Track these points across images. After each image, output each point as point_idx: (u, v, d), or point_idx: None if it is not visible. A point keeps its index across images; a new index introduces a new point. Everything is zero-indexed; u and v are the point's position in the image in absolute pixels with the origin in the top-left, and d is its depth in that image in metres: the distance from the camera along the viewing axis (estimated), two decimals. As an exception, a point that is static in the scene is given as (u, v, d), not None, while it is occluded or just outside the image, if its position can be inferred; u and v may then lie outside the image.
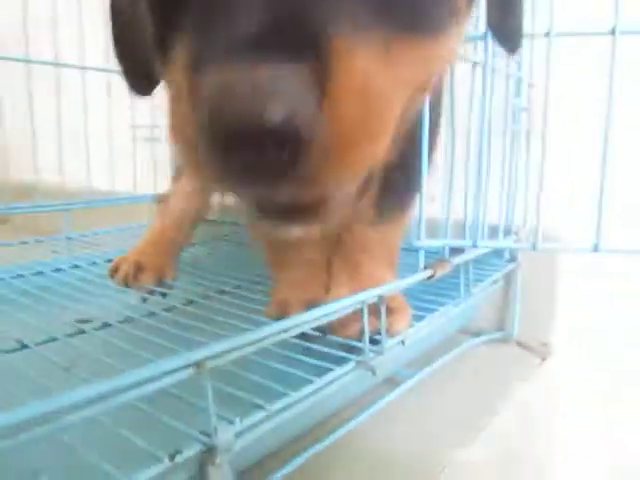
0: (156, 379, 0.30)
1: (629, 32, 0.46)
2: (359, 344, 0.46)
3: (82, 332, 0.54)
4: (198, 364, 0.31)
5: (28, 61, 0.94)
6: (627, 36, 0.46)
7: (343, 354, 0.46)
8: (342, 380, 0.44)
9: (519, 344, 0.76)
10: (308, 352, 0.46)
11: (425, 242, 0.49)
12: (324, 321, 0.42)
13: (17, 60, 0.92)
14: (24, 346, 0.50)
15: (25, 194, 0.98)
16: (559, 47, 0.49)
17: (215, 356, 0.32)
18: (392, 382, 0.60)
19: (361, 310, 0.44)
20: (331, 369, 0.44)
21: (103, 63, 1.04)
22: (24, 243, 0.95)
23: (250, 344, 0.35)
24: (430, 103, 0.48)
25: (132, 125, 1.14)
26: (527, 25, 0.44)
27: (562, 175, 0.72)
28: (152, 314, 0.60)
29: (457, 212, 0.58)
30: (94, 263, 0.85)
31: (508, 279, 0.76)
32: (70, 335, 0.54)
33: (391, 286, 0.47)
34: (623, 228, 0.58)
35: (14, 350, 0.50)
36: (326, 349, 0.46)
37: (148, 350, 0.44)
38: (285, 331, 0.38)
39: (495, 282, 0.71)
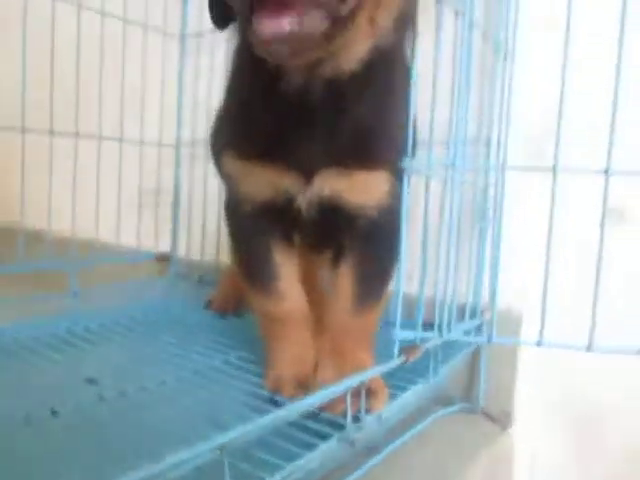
0: (184, 462, 0.38)
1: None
2: (343, 421, 0.55)
3: (102, 398, 0.62)
4: (221, 448, 0.39)
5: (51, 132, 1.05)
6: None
7: (327, 430, 0.55)
8: (327, 452, 0.52)
9: (484, 414, 0.85)
10: (296, 427, 0.55)
11: (400, 334, 0.59)
12: (316, 406, 0.51)
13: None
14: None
15: (37, 240, 1.06)
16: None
17: (237, 439, 0.40)
18: (371, 450, 0.69)
19: (345, 394, 0.53)
20: (317, 444, 0.52)
21: (118, 134, 1.15)
22: (34, 298, 1.03)
23: (263, 427, 0.43)
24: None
25: (139, 189, 1.24)
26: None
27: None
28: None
29: (431, 289, 0.68)
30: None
31: (474, 353, 0.85)
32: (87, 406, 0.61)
33: (371, 372, 0.56)
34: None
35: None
36: (314, 424, 0.55)
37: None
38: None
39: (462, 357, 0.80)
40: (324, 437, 0.54)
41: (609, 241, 0.57)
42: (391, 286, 0.68)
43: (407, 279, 0.64)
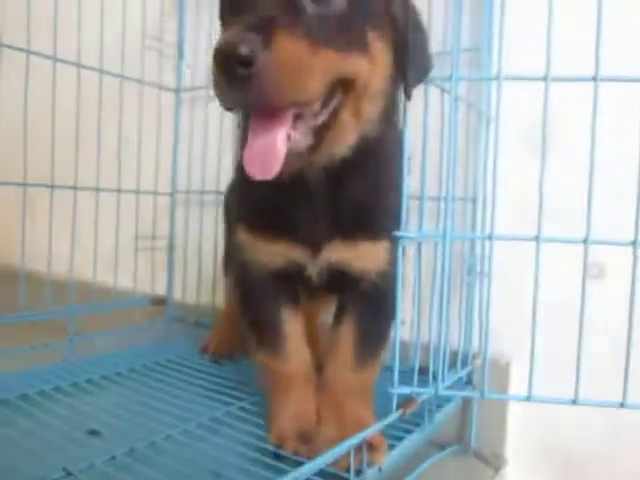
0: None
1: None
2: (347, 475, 0.58)
3: (113, 457, 0.65)
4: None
5: (51, 186, 1.08)
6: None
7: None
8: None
9: (476, 455, 0.89)
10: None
11: (398, 389, 0.63)
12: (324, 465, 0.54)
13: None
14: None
15: (38, 283, 1.08)
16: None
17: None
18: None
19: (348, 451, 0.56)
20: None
21: (116, 185, 1.19)
22: (33, 348, 1.05)
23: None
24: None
25: (135, 236, 1.27)
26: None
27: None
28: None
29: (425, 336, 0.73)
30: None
31: (465, 399, 0.89)
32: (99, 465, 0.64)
33: (372, 430, 0.60)
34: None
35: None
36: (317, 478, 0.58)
37: None
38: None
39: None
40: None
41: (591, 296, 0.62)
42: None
43: (402, 325, 0.69)
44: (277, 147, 0.51)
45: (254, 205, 0.67)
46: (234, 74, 0.46)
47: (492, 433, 0.89)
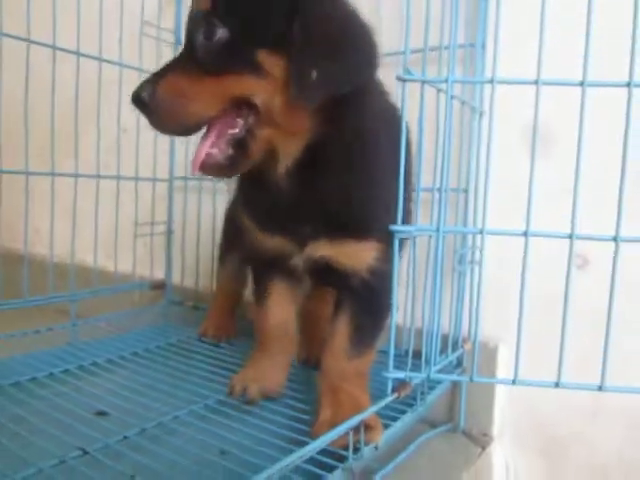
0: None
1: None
2: (345, 453, 0.63)
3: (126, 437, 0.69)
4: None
5: (52, 174, 1.10)
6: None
7: (330, 461, 0.63)
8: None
9: (465, 434, 0.94)
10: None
11: (392, 373, 0.67)
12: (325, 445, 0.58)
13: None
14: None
15: (41, 268, 1.11)
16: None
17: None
18: (367, 474, 0.76)
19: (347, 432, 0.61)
20: (325, 475, 0.60)
21: (115, 172, 1.21)
22: (37, 332, 1.08)
23: (286, 467, 0.51)
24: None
25: (135, 222, 1.29)
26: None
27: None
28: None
29: (417, 320, 0.77)
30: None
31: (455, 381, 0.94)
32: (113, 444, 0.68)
33: (369, 411, 0.64)
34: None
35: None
36: (319, 457, 0.62)
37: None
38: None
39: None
40: (329, 468, 0.61)
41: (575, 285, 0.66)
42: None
43: (396, 311, 0.73)
44: (199, 154, 0.64)
45: (249, 202, 0.78)
46: (142, 111, 0.61)
47: (480, 413, 0.94)
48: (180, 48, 0.66)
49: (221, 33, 0.59)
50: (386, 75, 0.71)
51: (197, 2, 0.61)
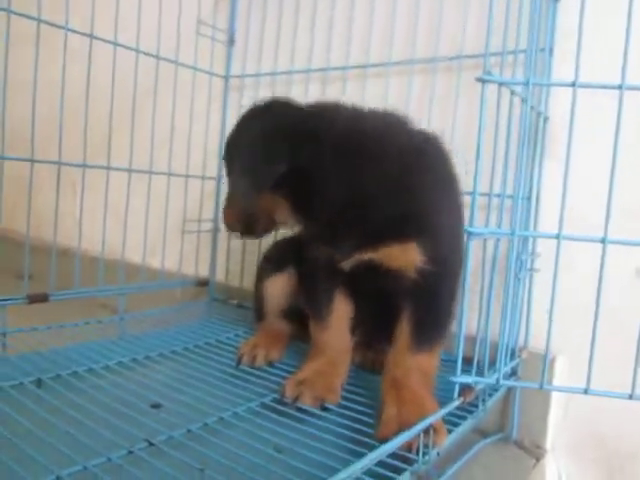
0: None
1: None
2: (414, 456, 0.62)
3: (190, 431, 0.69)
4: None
5: (108, 168, 1.11)
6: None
7: (396, 463, 0.62)
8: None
9: (517, 444, 0.92)
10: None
11: (460, 378, 0.66)
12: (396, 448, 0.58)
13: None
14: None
15: (91, 264, 1.13)
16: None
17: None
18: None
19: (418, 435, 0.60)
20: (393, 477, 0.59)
21: (167, 169, 1.22)
22: (87, 323, 1.10)
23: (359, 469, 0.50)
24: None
25: (183, 219, 1.31)
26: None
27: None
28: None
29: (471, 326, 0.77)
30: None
31: (509, 390, 0.92)
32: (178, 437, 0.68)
33: (439, 414, 0.63)
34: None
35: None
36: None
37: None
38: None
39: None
40: (396, 470, 0.61)
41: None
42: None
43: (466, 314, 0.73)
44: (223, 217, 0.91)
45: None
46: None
47: (533, 423, 0.92)
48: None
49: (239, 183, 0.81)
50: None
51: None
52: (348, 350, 0.87)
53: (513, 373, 0.91)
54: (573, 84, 0.63)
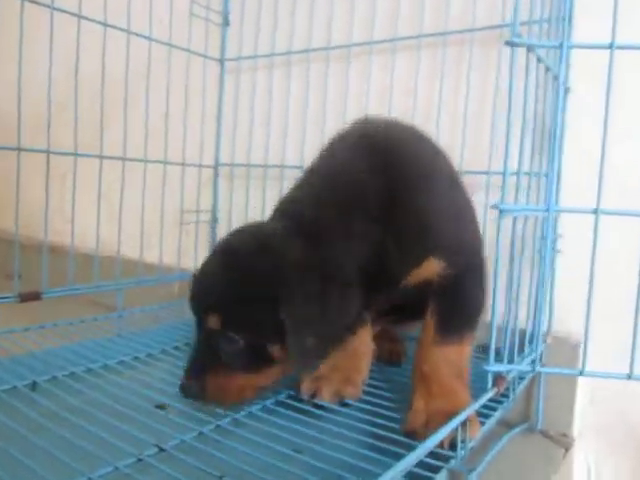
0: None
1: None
2: (451, 453, 0.57)
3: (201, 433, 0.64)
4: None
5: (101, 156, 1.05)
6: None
7: (429, 460, 0.57)
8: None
9: (542, 434, 0.88)
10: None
11: (494, 367, 0.61)
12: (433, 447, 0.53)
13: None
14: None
15: (86, 259, 1.07)
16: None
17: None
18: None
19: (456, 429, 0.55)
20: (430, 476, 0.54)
21: (162, 157, 1.16)
22: (82, 322, 1.04)
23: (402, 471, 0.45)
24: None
25: (181, 210, 1.25)
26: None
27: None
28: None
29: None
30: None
31: (533, 378, 0.88)
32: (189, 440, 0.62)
33: (473, 407, 0.59)
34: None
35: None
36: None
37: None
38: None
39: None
40: (432, 469, 0.56)
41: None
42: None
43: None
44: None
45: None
46: (195, 400, 0.70)
47: (559, 412, 0.88)
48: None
49: (239, 344, 0.67)
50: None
51: (209, 322, 0.68)
52: (369, 345, 0.83)
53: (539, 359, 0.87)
54: (610, 46, 0.58)
